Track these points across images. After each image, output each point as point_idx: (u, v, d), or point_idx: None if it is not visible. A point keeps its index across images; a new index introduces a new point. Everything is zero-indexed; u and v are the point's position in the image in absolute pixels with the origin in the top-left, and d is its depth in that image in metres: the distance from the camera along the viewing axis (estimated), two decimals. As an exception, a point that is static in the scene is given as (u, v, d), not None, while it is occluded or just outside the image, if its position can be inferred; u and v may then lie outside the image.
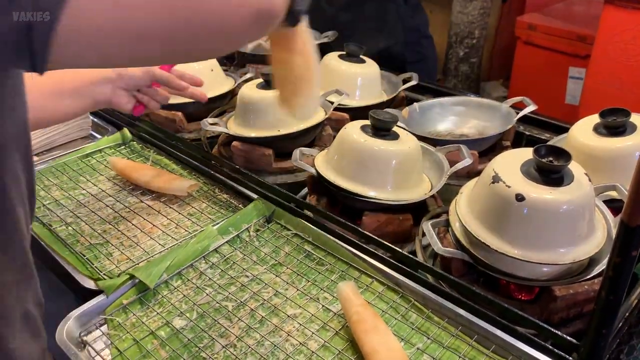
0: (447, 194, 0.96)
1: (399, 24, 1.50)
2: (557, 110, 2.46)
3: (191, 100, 0.97)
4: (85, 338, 0.74)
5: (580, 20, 2.58)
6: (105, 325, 0.76)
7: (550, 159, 0.73)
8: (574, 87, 2.55)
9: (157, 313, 0.77)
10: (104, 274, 0.84)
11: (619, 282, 0.55)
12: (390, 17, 1.48)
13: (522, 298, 0.79)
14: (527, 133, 1.18)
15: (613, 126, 0.89)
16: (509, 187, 0.73)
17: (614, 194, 0.83)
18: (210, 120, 1.13)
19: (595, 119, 0.93)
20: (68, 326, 0.74)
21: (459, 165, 0.94)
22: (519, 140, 1.17)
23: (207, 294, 0.80)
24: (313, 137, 1.15)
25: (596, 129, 0.91)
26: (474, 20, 2.81)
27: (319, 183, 0.97)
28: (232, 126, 1.14)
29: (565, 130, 1.04)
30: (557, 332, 0.66)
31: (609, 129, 0.90)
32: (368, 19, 1.47)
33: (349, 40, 1.28)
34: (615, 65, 2.14)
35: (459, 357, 0.69)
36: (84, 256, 0.88)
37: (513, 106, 1.16)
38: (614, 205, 0.84)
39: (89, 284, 0.82)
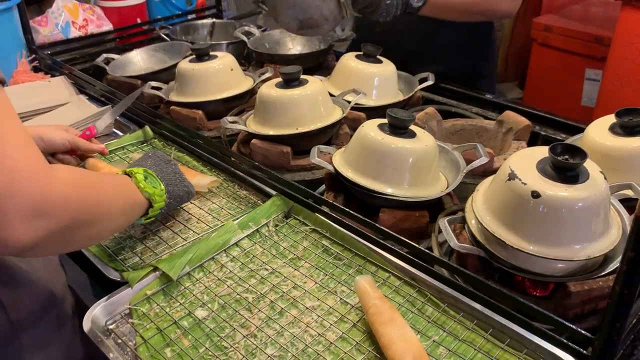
0: (463, 192, 0.97)
1: (469, 40, 1.49)
2: (573, 112, 2.46)
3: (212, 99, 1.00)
4: (111, 327, 0.77)
5: (597, 22, 2.57)
6: (130, 314, 0.79)
7: (566, 156, 0.74)
8: (591, 89, 2.54)
9: (180, 304, 0.80)
10: (129, 266, 0.87)
11: (633, 276, 0.56)
12: (462, 35, 1.47)
13: (537, 294, 0.80)
14: (542, 133, 1.19)
15: (629, 126, 0.90)
16: (525, 184, 0.74)
17: (629, 192, 0.84)
18: (230, 118, 1.16)
19: (611, 119, 0.93)
20: (95, 315, 0.77)
21: (475, 164, 0.95)
22: (534, 140, 1.18)
23: (228, 286, 0.82)
24: (330, 135, 1.17)
25: (612, 128, 0.92)
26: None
27: (336, 180, 0.99)
28: (251, 124, 1.16)
29: (581, 130, 1.04)
30: (572, 326, 0.67)
31: (625, 129, 0.91)
32: (445, 32, 1.45)
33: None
34: (632, 67, 2.13)
35: (474, 349, 0.70)
36: (109, 249, 0.91)
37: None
38: (629, 204, 0.85)
39: (114, 276, 0.85)
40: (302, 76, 1.13)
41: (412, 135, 0.93)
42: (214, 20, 1.89)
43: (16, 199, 0.52)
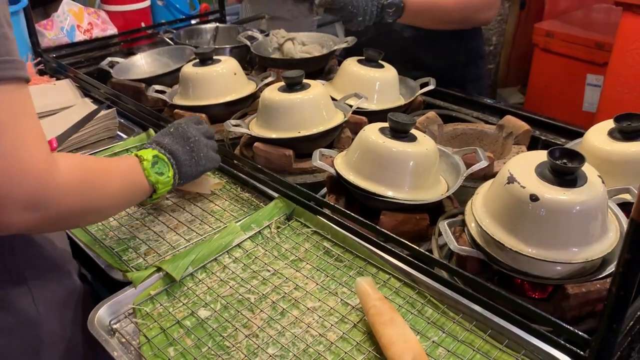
0: (463, 196, 0.98)
1: (461, 45, 1.51)
2: (574, 118, 2.47)
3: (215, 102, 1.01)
4: (115, 326, 0.78)
5: (599, 28, 2.59)
6: (134, 314, 0.80)
7: (565, 161, 0.75)
8: (592, 95, 2.55)
9: (183, 304, 0.81)
10: (132, 267, 0.88)
11: (629, 278, 0.57)
12: (453, 38, 1.49)
13: (536, 296, 0.81)
14: (542, 138, 1.20)
15: (627, 131, 0.91)
16: (523, 187, 0.75)
17: (627, 197, 0.85)
18: (233, 122, 1.17)
19: (610, 124, 0.94)
20: (99, 314, 0.78)
21: (475, 168, 0.96)
22: (534, 145, 1.19)
23: (231, 287, 0.83)
24: (332, 139, 1.18)
25: (611, 133, 0.93)
26: (492, 27, 2.83)
27: (338, 183, 1.00)
28: (254, 128, 1.18)
29: (580, 135, 1.05)
30: (569, 327, 0.68)
31: (624, 134, 0.92)
32: (431, 40, 1.48)
33: (412, 61, 1.31)
34: (633, 73, 2.14)
35: (473, 350, 0.71)
36: (113, 250, 0.92)
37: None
38: (627, 208, 0.85)
39: (118, 276, 0.86)
40: (305, 80, 1.15)
41: (413, 139, 0.94)
42: (218, 24, 1.91)
43: (15, 191, 0.56)
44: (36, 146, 0.58)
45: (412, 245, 0.84)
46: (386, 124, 0.96)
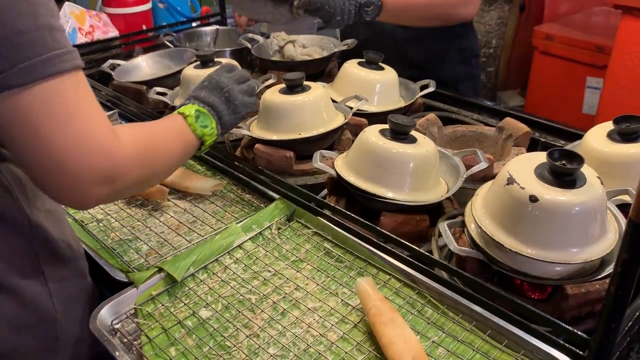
0: (462, 197, 0.99)
1: (454, 44, 1.53)
2: (574, 120, 2.46)
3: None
4: (116, 326, 0.78)
5: (599, 31, 2.59)
6: (136, 314, 0.80)
7: (564, 162, 0.76)
8: (592, 97, 2.56)
9: (184, 304, 0.81)
10: (134, 267, 0.88)
11: (627, 278, 0.57)
12: (445, 37, 1.50)
13: (535, 297, 0.81)
14: (542, 140, 1.21)
15: (626, 132, 0.92)
16: (523, 188, 0.76)
17: (626, 198, 0.85)
18: (234, 123, 1.17)
19: (609, 125, 0.95)
20: (101, 314, 0.78)
21: (475, 169, 0.97)
22: (534, 147, 1.20)
23: (232, 287, 0.84)
24: (332, 140, 1.19)
25: (610, 135, 0.94)
26: (491, 29, 2.84)
27: (338, 184, 1.00)
28: (255, 129, 1.18)
29: (579, 137, 1.06)
30: (569, 327, 0.68)
31: (623, 136, 0.92)
32: (424, 40, 1.50)
33: (405, 59, 1.33)
34: (632, 75, 2.15)
35: (473, 350, 0.71)
36: (115, 250, 0.93)
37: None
38: (626, 209, 0.86)
39: (120, 276, 0.87)
40: (305, 82, 1.15)
41: (413, 140, 0.95)
42: (218, 27, 1.92)
43: (90, 168, 0.61)
44: (102, 125, 0.63)
45: (412, 246, 0.84)
46: (386, 126, 0.96)
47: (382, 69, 1.30)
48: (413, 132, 0.96)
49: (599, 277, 0.76)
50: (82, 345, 0.81)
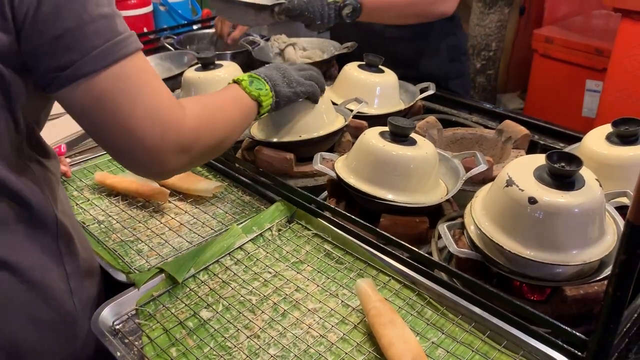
0: (462, 200, 0.99)
1: (443, 42, 1.54)
2: (574, 123, 2.47)
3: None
4: (118, 327, 0.79)
5: (598, 34, 2.60)
6: (137, 315, 0.81)
7: (563, 164, 0.76)
8: (591, 100, 2.57)
9: (185, 305, 0.82)
10: (135, 268, 0.89)
11: (625, 278, 0.57)
12: (434, 35, 1.52)
13: (534, 298, 0.81)
14: (541, 142, 1.21)
15: (625, 135, 0.92)
16: (522, 190, 0.76)
17: (625, 200, 0.86)
18: (234, 125, 1.18)
19: (608, 128, 0.95)
20: (103, 315, 0.79)
21: (474, 171, 0.97)
22: (533, 149, 1.20)
23: (232, 288, 0.84)
24: (333, 143, 1.19)
25: (609, 137, 0.94)
26: (491, 32, 2.85)
27: (338, 186, 1.01)
28: (256, 132, 1.19)
29: (579, 139, 1.06)
30: (567, 328, 0.68)
31: (622, 138, 0.93)
32: (414, 39, 1.51)
33: (395, 58, 1.34)
34: (632, 79, 2.15)
35: (472, 351, 0.72)
36: (116, 252, 0.93)
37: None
38: (625, 212, 0.86)
39: (121, 277, 0.87)
40: (306, 85, 1.16)
41: (413, 143, 0.95)
42: (219, 30, 1.92)
43: (167, 139, 0.66)
44: (170, 99, 0.68)
45: (412, 248, 0.85)
46: (386, 128, 0.97)
47: (382, 71, 1.31)
48: (413, 135, 0.97)
49: (598, 278, 0.76)
50: (100, 344, 0.82)
